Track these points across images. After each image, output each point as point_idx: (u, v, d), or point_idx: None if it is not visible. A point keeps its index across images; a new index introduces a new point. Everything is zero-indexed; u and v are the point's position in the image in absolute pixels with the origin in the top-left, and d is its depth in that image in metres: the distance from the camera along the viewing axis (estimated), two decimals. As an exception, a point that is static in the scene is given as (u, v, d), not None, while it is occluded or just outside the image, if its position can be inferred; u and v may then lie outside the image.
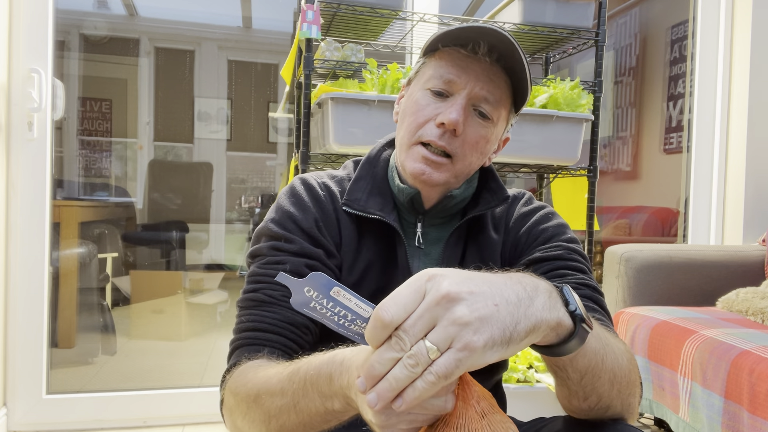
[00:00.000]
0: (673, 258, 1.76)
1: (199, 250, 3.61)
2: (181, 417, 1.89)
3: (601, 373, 0.56)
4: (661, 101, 3.00)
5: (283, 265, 0.74)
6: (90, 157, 3.33)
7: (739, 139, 2.21)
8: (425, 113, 0.76)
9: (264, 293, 0.73)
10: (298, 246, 0.75)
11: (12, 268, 1.73)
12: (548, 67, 2.06)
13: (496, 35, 0.71)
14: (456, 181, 0.79)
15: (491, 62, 0.74)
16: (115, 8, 3.42)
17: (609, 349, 0.57)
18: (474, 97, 0.74)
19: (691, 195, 2.33)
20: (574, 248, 0.80)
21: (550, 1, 1.70)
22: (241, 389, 0.64)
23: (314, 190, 0.81)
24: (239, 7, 3.69)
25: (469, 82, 0.74)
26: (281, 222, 0.78)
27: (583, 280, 0.77)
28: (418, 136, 0.76)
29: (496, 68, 0.75)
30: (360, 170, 0.84)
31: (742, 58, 2.20)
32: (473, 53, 0.74)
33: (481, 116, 0.76)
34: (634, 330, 1.58)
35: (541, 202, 0.89)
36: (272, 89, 3.77)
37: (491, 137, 0.78)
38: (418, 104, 0.77)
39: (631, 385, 0.61)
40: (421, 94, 0.77)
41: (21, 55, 1.71)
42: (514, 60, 0.73)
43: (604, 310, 0.76)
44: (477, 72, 0.74)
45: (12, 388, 1.75)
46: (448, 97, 0.75)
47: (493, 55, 0.74)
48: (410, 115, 0.78)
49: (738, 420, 1.18)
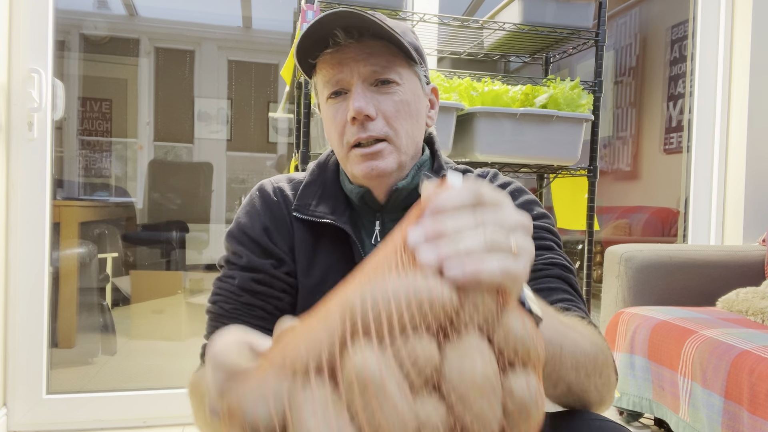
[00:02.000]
0: (673, 258, 1.76)
1: (199, 250, 3.61)
2: (181, 417, 1.88)
3: (562, 361, 0.55)
4: (661, 101, 3.00)
5: (233, 280, 0.77)
6: (90, 157, 3.33)
7: (739, 139, 2.21)
8: (338, 119, 0.76)
9: (218, 306, 0.77)
10: (246, 260, 0.77)
11: (12, 268, 1.73)
12: (548, 67, 2.06)
13: (343, 16, 0.71)
14: (407, 157, 0.78)
15: (357, 40, 0.74)
16: (115, 8, 3.42)
17: (568, 336, 0.57)
18: (364, 77, 0.74)
19: (691, 195, 2.33)
20: (542, 225, 0.79)
21: (550, 1, 1.70)
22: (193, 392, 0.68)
23: (268, 197, 0.82)
24: (239, 7, 3.69)
25: (352, 69, 0.74)
26: (234, 234, 0.80)
27: (550, 259, 0.75)
28: (345, 142, 0.76)
29: (365, 41, 0.74)
30: (310, 176, 0.84)
31: (742, 58, 2.20)
32: (338, 46, 0.74)
33: (384, 85, 0.76)
34: (634, 330, 1.58)
35: (507, 178, 0.86)
36: (272, 89, 3.77)
37: (407, 97, 0.77)
38: (329, 117, 0.78)
39: (599, 368, 0.61)
40: (327, 107, 0.78)
41: (21, 55, 1.71)
42: (373, 25, 0.72)
43: (573, 288, 0.75)
44: (352, 56, 0.74)
45: (12, 388, 1.75)
46: (347, 93, 0.76)
47: (353, 35, 0.73)
48: (330, 129, 0.79)
49: (738, 420, 1.18)
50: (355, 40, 0.74)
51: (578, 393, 0.60)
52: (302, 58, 0.77)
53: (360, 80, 0.74)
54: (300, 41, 0.73)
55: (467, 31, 1.82)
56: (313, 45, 0.75)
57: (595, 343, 0.62)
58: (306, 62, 0.78)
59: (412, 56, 0.76)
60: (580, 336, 0.60)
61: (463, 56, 2.01)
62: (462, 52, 1.98)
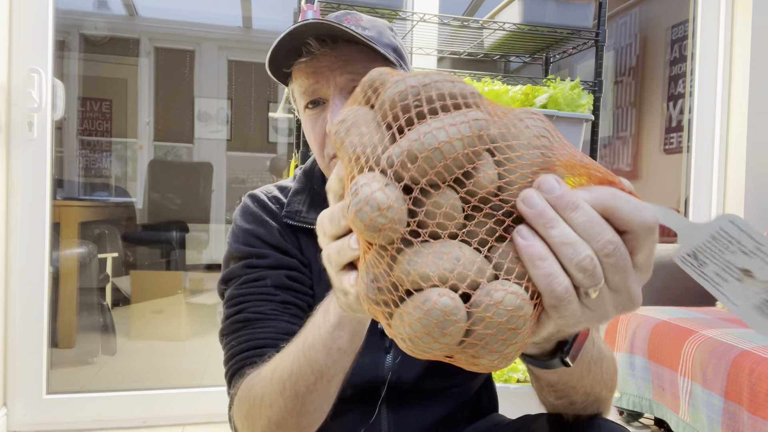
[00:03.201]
0: (674, 258, 1.76)
1: (199, 250, 3.62)
2: (181, 417, 1.88)
3: (576, 387, 0.55)
4: (661, 101, 3.00)
5: (264, 280, 0.72)
6: (90, 157, 3.34)
7: (739, 139, 2.20)
8: (318, 130, 0.74)
9: (250, 312, 0.71)
10: (273, 259, 0.74)
11: (12, 268, 1.73)
12: (548, 67, 2.06)
13: (314, 26, 0.68)
14: None
15: (331, 48, 0.71)
16: (115, 8, 3.42)
17: (594, 368, 0.55)
18: (341, 86, 0.72)
19: (691, 195, 2.33)
20: None
21: (550, 1, 1.70)
22: (256, 385, 0.62)
23: (267, 205, 0.79)
24: (239, 7, 3.69)
25: (328, 78, 0.72)
26: (246, 241, 0.76)
27: None
28: (326, 154, 0.74)
29: (339, 48, 0.72)
30: (297, 183, 0.82)
31: (742, 58, 2.20)
32: (310, 54, 0.71)
33: None
34: (634, 330, 1.58)
35: None
36: (272, 89, 3.77)
37: None
38: (308, 127, 0.76)
39: (607, 388, 0.60)
40: (305, 117, 0.76)
41: (21, 55, 1.71)
42: (345, 33, 0.69)
43: None
44: (327, 65, 0.71)
45: (12, 388, 1.75)
46: (324, 102, 0.73)
47: (327, 43, 0.71)
48: (309, 138, 0.77)
49: (738, 420, 1.18)
50: (329, 48, 0.71)
51: (579, 409, 0.60)
52: (275, 69, 0.74)
53: (337, 90, 0.71)
54: (272, 53, 0.71)
55: (467, 31, 1.81)
56: (286, 55, 0.72)
57: (609, 368, 0.61)
58: (280, 72, 0.75)
59: (390, 59, 0.73)
60: (605, 367, 0.59)
61: (463, 56, 2.01)
62: (462, 52, 1.98)
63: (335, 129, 0.35)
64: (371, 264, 0.33)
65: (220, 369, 0.74)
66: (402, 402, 0.75)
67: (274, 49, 0.71)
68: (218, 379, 2.10)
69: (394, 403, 0.75)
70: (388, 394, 0.75)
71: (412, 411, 0.76)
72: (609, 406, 0.64)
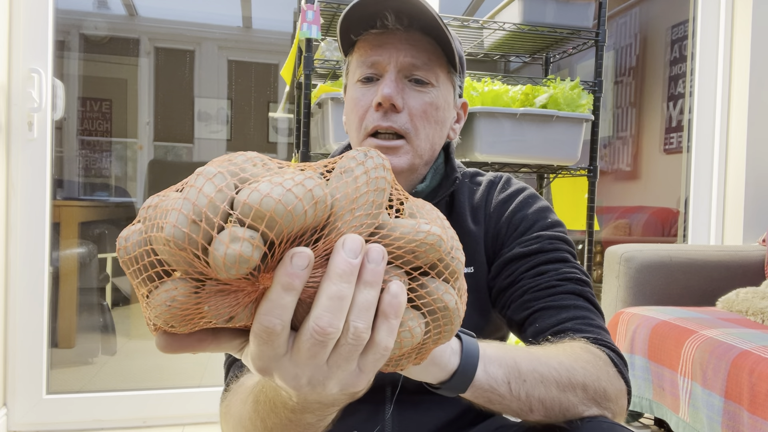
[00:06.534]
0: (673, 258, 1.76)
1: (199, 250, 3.61)
2: (180, 417, 1.89)
3: (510, 398, 0.54)
4: (661, 101, 3.00)
5: None
6: (90, 157, 3.33)
7: (739, 139, 2.21)
8: (362, 103, 0.74)
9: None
10: None
11: (12, 268, 1.73)
12: (548, 67, 2.06)
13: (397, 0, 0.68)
14: (421, 161, 0.75)
15: (405, 29, 0.71)
16: (115, 8, 3.42)
17: (521, 357, 0.55)
18: (402, 67, 0.72)
19: (691, 195, 2.33)
20: (555, 235, 0.76)
21: (550, 1, 1.70)
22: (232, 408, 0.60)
23: None
24: (239, 7, 3.69)
25: (391, 54, 0.71)
26: None
27: (564, 274, 0.73)
28: (364, 128, 0.74)
29: (412, 33, 0.72)
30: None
31: (742, 58, 2.20)
32: (384, 28, 0.71)
33: (419, 84, 0.73)
34: (634, 330, 1.58)
35: (520, 182, 0.83)
36: (272, 89, 3.77)
37: (438, 102, 0.74)
38: (353, 99, 0.75)
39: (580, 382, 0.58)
40: (354, 89, 0.75)
41: (21, 55, 1.71)
42: (427, 18, 0.69)
43: (589, 301, 0.72)
44: (395, 43, 0.71)
45: (12, 388, 1.75)
46: (378, 80, 0.73)
47: (403, 21, 0.71)
48: (351, 112, 0.76)
49: (738, 420, 1.18)
50: (404, 28, 0.71)
51: (558, 409, 0.58)
52: (344, 32, 0.74)
53: (396, 69, 0.71)
54: (347, 12, 0.70)
55: (467, 31, 1.81)
56: (359, 20, 0.72)
57: (577, 358, 0.60)
58: (347, 37, 0.75)
59: (455, 63, 0.74)
60: (543, 352, 0.59)
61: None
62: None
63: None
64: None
65: (220, 369, 0.74)
66: (407, 404, 0.75)
67: (351, 8, 0.70)
68: (218, 379, 2.10)
69: (399, 404, 0.75)
70: (394, 396, 0.75)
71: (417, 413, 0.75)
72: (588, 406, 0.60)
